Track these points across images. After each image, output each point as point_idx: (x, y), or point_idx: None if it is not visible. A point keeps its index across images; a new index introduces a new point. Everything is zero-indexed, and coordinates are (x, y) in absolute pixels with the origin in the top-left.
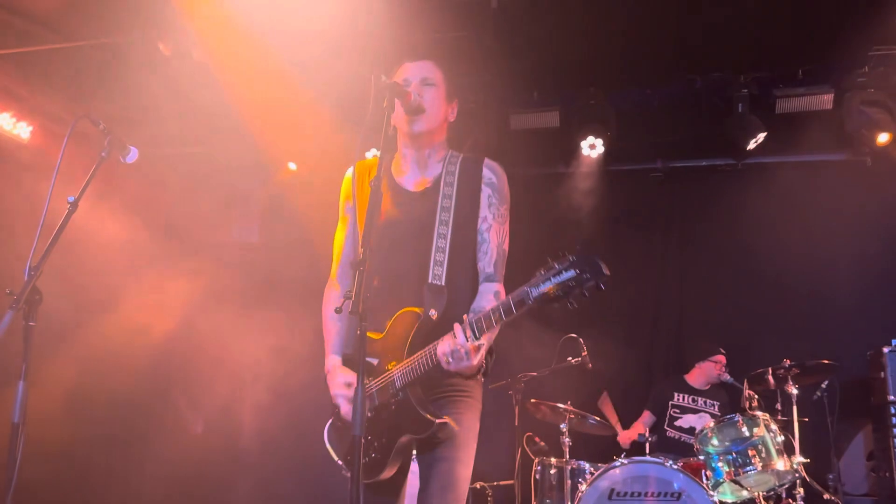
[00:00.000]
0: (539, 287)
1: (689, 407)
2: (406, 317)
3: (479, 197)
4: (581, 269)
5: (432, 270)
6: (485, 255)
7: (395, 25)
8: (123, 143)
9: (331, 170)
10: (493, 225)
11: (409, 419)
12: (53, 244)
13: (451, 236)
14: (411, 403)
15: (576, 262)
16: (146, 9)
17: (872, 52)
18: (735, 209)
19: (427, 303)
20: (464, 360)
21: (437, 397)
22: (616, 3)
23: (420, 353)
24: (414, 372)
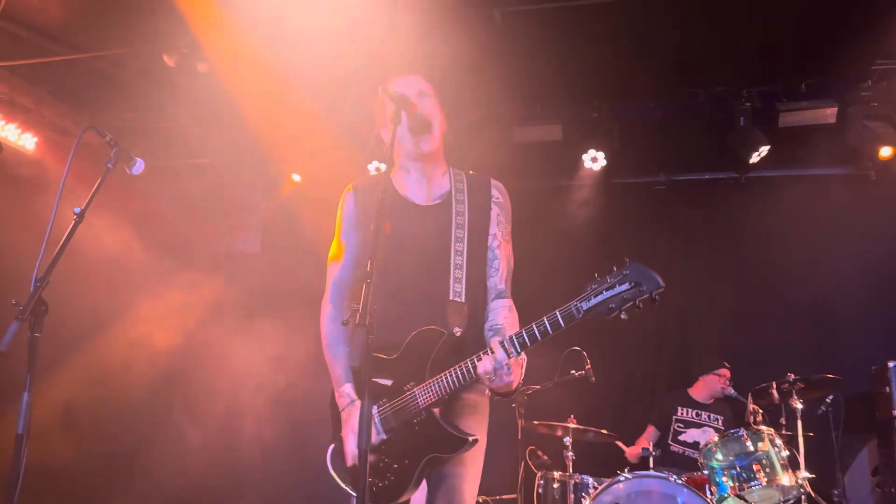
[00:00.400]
0: (590, 301)
1: (693, 421)
2: (427, 335)
3: (489, 214)
4: (637, 282)
5: (452, 288)
6: (496, 271)
7: (399, 40)
8: (130, 155)
9: (334, 181)
10: (501, 242)
11: (436, 439)
12: (60, 255)
13: (467, 253)
14: (438, 423)
15: (630, 275)
16: (151, 21)
17: (875, 66)
18: (738, 223)
19: (450, 320)
20: (506, 377)
21: (451, 414)
22: (618, 18)
23: (449, 370)
24: (442, 390)
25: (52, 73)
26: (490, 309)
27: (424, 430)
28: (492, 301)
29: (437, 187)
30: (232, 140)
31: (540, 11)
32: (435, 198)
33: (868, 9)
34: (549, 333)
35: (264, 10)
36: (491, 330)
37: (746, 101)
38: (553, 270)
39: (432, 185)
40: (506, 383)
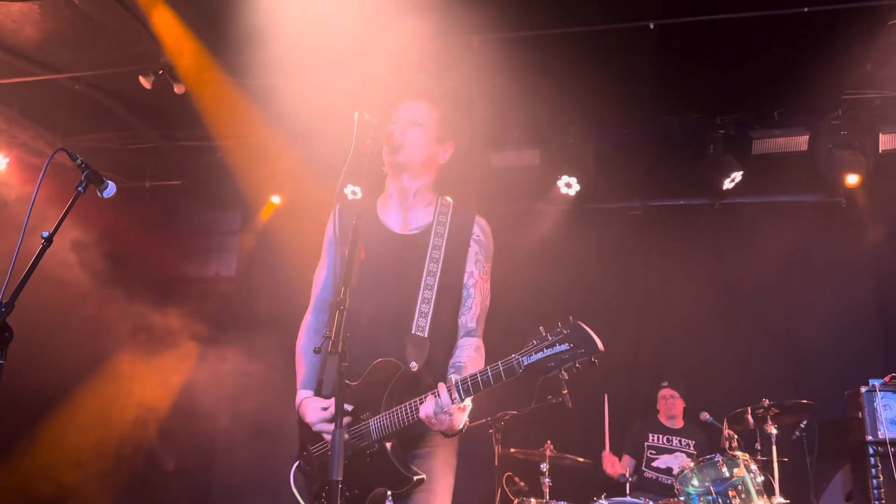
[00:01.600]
0: (531, 357)
1: (665, 447)
2: (385, 367)
3: (467, 251)
4: (575, 343)
5: (416, 321)
6: (468, 310)
7: (381, 66)
8: (101, 178)
9: (312, 205)
10: (478, 281)
11: (385, 473)
12: (26, 280)
13: (438, 288)
14: (388, 457)
15: (570, 336)
16: (127, 43)
17: (845, 95)
18: (713, 248)
19: (409, 354)
20: (446, 422)
21: (411, 449)
22: (594, 46)
23: (400, 406)
24: (392, 425)
25: (26, 92)
26: (457, 346)
27: (375, 461)
28: (460, 339)
29: (418, 217)
30: (207, 163)
31: (516, 39)
32: (413, 228)
33: (838, 40)
34: (492, 384)
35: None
36: (453, 367)
37: (720, 128)
38: (530, 295)
39: (411, 214)
40: (446, 427)
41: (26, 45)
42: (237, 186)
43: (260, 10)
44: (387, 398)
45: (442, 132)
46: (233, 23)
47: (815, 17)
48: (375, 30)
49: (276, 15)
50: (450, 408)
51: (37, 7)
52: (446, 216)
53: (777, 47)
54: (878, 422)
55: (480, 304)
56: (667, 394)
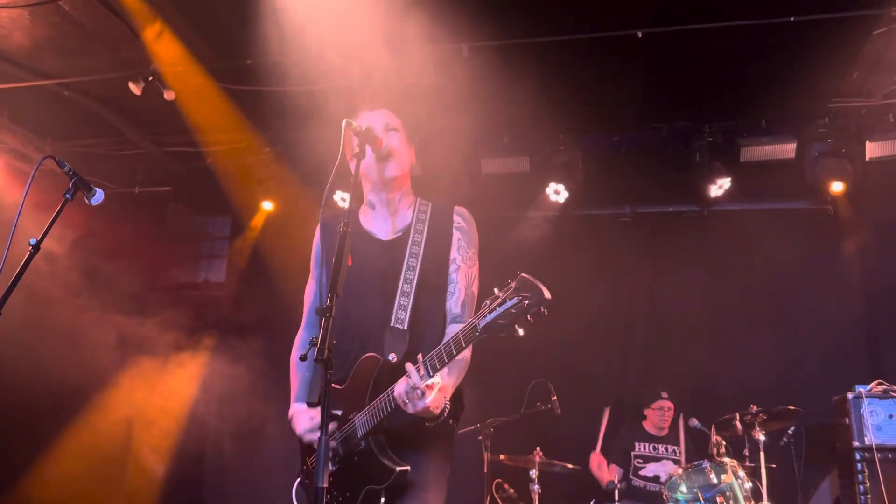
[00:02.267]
0: (486, 317)
1: (651, 455)
2: (366, 363)
3: (449, 242)
4: (522, 296)
5: (395, 314)
6: (451, 295)
7: (371, 73)
8: (89, 185)
9: (303, 211)
10: (461, 267)
11: (370, 469)
12: (13, 286)
13: (418, 280)
14: (373, 452)
15: (517, 289)
16: (117, 49)
17: (832, 103)
18: (702, 255)
19: (387, 346)
20: (419, 400)
21: (403, 445)
22: (583, 54)
23: (378, 398)
24: (374, 418)
25: (15, 98)
26: (445, 334)
27: (362, 460)
28: (448, 325)
29: (400, 220)
30: (196, 169)
31: (506, 47)
32: (397, 231)
33: (824, 49)
34: (454, 353)
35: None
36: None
37: (708, 136)
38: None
39: (396, 219)
40: (423, 408)
41: (16, 51)
42: (227, 192)
43: (252, 17)
44: (370, 393)
45: (410, 135)
46: (223, 29)
47: (801, 26)
48: (367, 38)
49: (268, 22)
50: (420, 385)
51: (26, 13)
52: (426, 213)
53: (764, 56)
54: (865, 428)
55: (465, 290)
56: (665, 405)
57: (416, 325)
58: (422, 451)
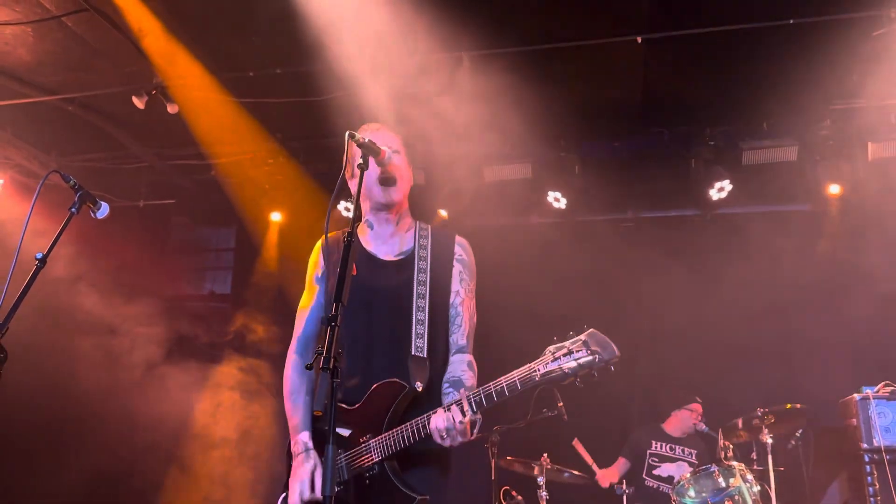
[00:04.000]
0: (547, 366)
1: (668, 455)
2: (388, 387)
3: (450, 272)
4: (593, 350)
5: (414, 342)
6: (458, 327)
7: (375, 82)
8: (94, 199)
9: (309, 223)
10: (464, 299)
11: (385, 494)
12: (20, 302)
13: (429, 308)
14: (389, 478)
15: (587, 343)
16: (120, 64)
17: (833, 106)
18: (706, 258)
19: (413, 375)
20: (458, 436)
21: (412, 466)
22: (583, 61)
23: (404, 425)
24: (395, 445)
25: (19, 114)
26: (450, 362)
27: (375, 484)
28: (452, 355)
29: (401, 243)
30: (200, 181)
31: (506, 55)
32: (398, 254)
33: (824, 51)
34: (506, 395)
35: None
36: (447, 383)
37: (710, 139)
38: (523, 308)
39: (395, 241)
40: (458, 442)
41: (19, 67)
42: (231, 204)
43: (254, 29)
44: (389, 419)
45: (410, 156)
46: (225, 41)
47: (801, 28)
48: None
49: (272, 35)
50: (463, 421)
51: (30, 29)
52: (427, 239)
53: (765, 58)
54: (873, 429)
55: (469, 322)
56: (699, 409)
57: (431, 353)
58: (432, 476)
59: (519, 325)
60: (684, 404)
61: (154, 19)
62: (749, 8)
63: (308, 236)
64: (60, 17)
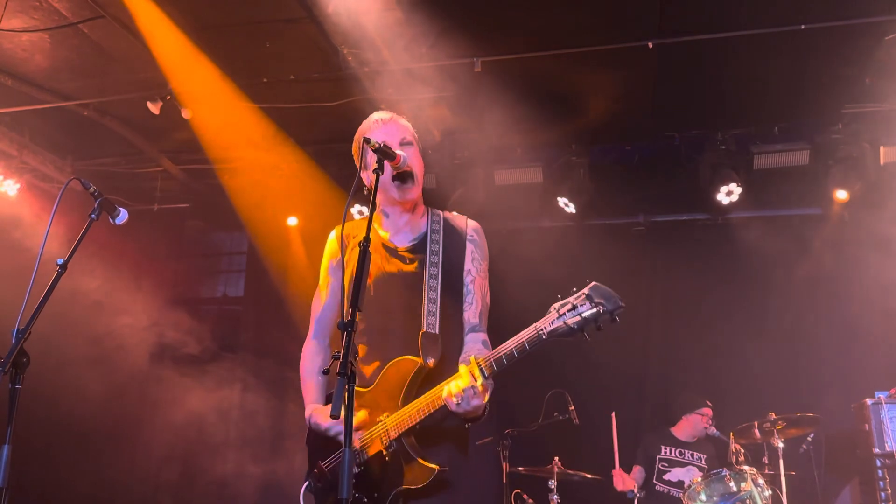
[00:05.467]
0: (553, 323)
1: (677, 460)
2: (401, 365)
3: (463, 253)
4: (597, 303)
5: (426, 320)
6: (470, 305)
7: (387, 87)
8: (113, 205)
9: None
10: (476, 278)
11: (405, 470)
12: (42, 307)
13: (441, 287)
14: (408, 453)
15: (590, 296)
16: (136, 70)
17: (845, 109)
18: (717, 262)
19: (424, 351)
20: (472, 400)
21: (432, 444)
22: (594, 65)
23: (419, 399)
24: (411, 419)
25: (36, 119)
26: (465, 342)
27: (395, 460)
28: (466, 335)
29: (415, 230)
30: (214, 185)
31: (517, 60)
32: (412, 240)
33: (836, 55)
34: (516, 357)
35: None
36: (463, 361)
37: (721, 143)
38: (534, 312)
39: (410, 228)
40: (473, 407)
41: (37, 74)
42: (244, 208)
43: (269, 35)
44: (404, 395)
45: (421, 146)
46: (241, 47)
47: (813, 33)
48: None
49: (286, 41)
50: (475, 385)
51: (46, 36)
52: (439, 224)
53: (776, 63)
54: (886, 434)
55: (481, 301)
56: (709, 413)
57: (444, 331)
58: (450, 451)
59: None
60: (695, 409)
61: (170, 25)
62: (760, 13)
63: (321, 239)
64: (77, 23)
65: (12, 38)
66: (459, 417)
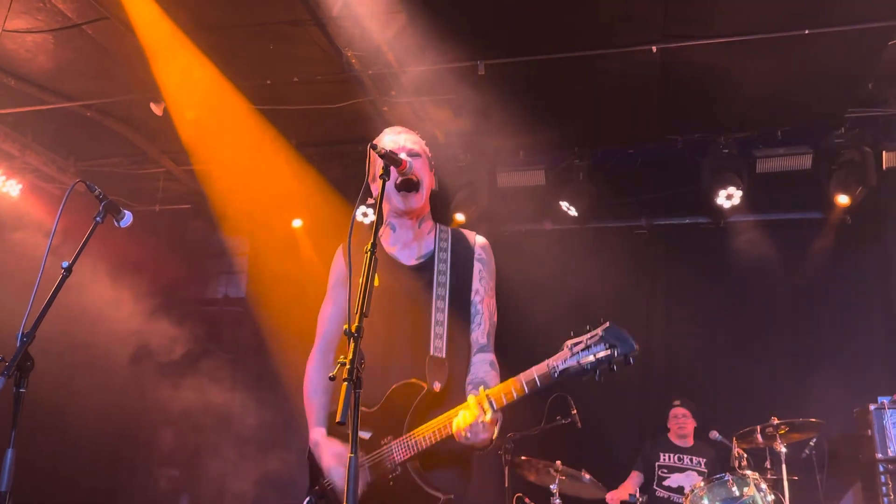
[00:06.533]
0: (565, 361)
1: (676, 466)
2: (407, 388)
3: (471, 271)
4: (611, 344)
5: (433, 343)
6: (478, 326)
7: (392, 88)
8: (118, 208)
9: (325, 228)
10: (484, 298)
11: (409, 495)
12: (46, 310)
13: (448, 309)
14: (412, 479)
15: (605, 337)
16: (138, 71)
17: (848, 113)
18: (719, 267)
19: (430, 375)
20: (481, 434)
21: (436, 467)
22: (597, 69)
23: (425, 426)
24: (417, 446)
25: (39, 120)
26: (472, 363)
27: (399, 486)
28: (474, 355)
29: (422, 246)
30: (216, 186)
31: (520, 64)
32: (419, 257)
33: (839, 59)
34: (526, 393)
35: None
36: (471, 384)
37: (724, 147)
38: (536, 314)
39: (417, 244)
40: (481, 440)
41: (40, 74)
42: (245, 209)
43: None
44: (409, 420)
45: (430, 160)
46: (244, 49)
47: (816, 37)
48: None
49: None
50: (485, 420)
51: (50, 37)
52: (447, 241)
53: (779, 67)
54: (889, 439)
55: (489, 320)
56: (678, 412)
57: (451, 353)
58: (454, 476)
59: (530, 331)
60: (668, 411)
61: (173, 27)
62: (763, 17)
63: (322, 241)
64: (81, 24)
65: (16, 38)
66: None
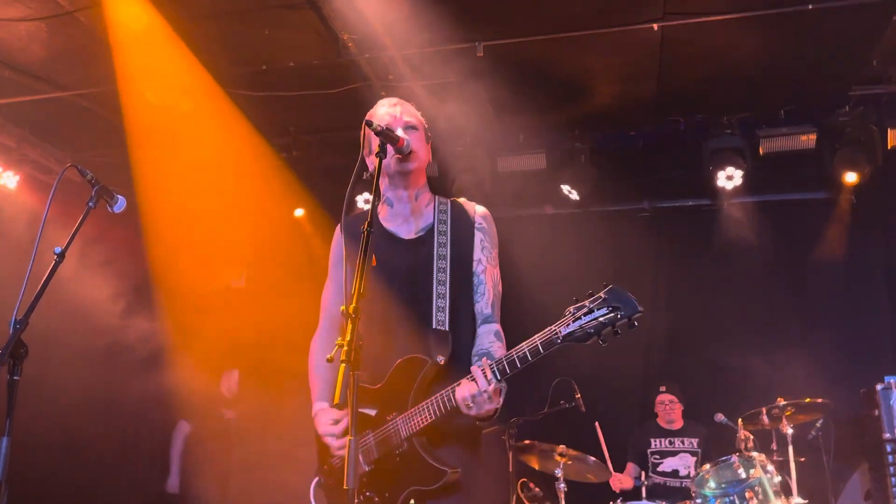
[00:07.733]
0: (569, 326)
1: (668, 450)
2: (410, 363)
3: (472, 241)
4: (614, 307)
5: (435, 316)
6: (482, 296)
7: (390, 72)
8: (111, 193)
9: (325, 216)
10: (487, 267)
11: (416, 470)
12: (40, 296)
13: (450, 281)
14: (418, 453)
15: (608, 300)
16: (134, 59)
17: (853, 92)
18: (723, 248)
19: (433, 349)
20: (486, 404)
21: (444, 444)
22: (598, 49)
23: (429, 399)
24: (423, 420)
25: (35, 111)
26: (477, 334)
27: (406, 461)
28: (479, 326)
29: (421, 220)
30: (213, 180)
31: (519, 45)
32: (419, 230)
33: (843, 36)
34: (529, 360)
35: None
36: (477, 355)
37: (726, 128)
38: (537, 299)
39: (416, 218)
40: (486, 411)
41: (34, 64)
42: (246, 198)
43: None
44: (414, 394)
45: (427, 132)
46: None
47: (820, 13)
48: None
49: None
50: (488, 390)
51: (44, 26)
52: (446, 213)
53: (782, 45)
54: (895, 419)
55: (493, 290)
56: (665, 399)
57: (454, 326)
58: (462, 451)
59: (531, 315)
60: (654, 398)
61: (165, 12)
62: None
63: (322, 229)
64: (73, 12)
65: (9, 27)
66: (471, 419)
